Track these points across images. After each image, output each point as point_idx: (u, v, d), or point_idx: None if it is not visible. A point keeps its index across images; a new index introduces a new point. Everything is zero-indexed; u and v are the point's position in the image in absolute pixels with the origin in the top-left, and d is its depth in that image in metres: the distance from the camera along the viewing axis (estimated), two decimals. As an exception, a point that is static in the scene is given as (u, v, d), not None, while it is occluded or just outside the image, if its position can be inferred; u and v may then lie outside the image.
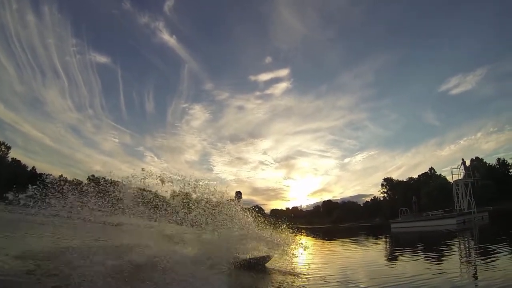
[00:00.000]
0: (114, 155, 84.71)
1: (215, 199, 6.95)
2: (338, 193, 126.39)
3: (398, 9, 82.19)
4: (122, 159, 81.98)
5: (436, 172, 58.46)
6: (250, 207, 8.02)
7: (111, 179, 6.33)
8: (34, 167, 57.33)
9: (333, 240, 19.18)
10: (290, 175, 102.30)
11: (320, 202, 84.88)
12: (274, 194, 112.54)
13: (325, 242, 17.31)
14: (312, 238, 20.46)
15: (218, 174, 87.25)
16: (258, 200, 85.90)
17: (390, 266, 7.72)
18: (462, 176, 22.67)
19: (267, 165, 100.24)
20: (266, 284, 5.61)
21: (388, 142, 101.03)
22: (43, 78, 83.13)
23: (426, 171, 60.59)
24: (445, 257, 8.14)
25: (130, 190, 6.31)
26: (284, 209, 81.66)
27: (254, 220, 7.32)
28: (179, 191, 6.82)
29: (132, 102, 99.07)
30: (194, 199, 6.87)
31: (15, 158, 55.25)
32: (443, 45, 79.77)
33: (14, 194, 5.45)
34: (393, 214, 34.45)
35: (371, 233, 24.11)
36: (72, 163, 79.05)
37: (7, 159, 53.76)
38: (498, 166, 49.54)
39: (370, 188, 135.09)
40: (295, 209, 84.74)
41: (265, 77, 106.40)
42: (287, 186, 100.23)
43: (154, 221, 6.84)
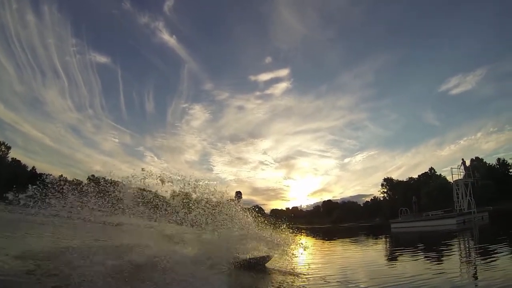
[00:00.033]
0: (114, 155, 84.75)
1: (215, 199, 6.94)
2: (338, 193, 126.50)
3: (398, 9, 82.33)
4: (122, 159, 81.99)
5: (436, 172, 58.57)
6: (250, 207, 8.02)
7: (111, 179, 6.33)
8: (34, 167, 57.43)
9: (333, 240, 19.17)
10: (290, 175, 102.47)
11: (320, 202, 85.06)
12: (274, 194, 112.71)
13: (325, 242, 17.30)
14: (312, 238, 20.45)
15: (218, 174, 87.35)
16: (258, 200, 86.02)
17: (390, 266, 7.72)
18: (462, 176, 22.69)
19: (267, 165, 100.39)
20: (266, 284, 5.61)
21: (388, 142, 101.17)
22: (43, 78, 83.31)
23: (426, 171, 60.70)
24: (445, 257, 8.13)
25: (130, 190, 6.30)
26: (284, 209, 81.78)
27: (254, 220, 7.32)
28: (179, 191, 6.80)
29: (132, 102, 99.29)
30: (194, 199, 6.86)
31: (15, 158, 55.38)
32: (443, 45, 79.97)
33: (14, 194, 5.45)
34: (393, 214, 34.46)
35: (371, 233, 24.10)
36: (72, 163, 79.10)
37: (7, 159, 53.80)
38: (498, 166, 49.58)
39: (370, 188, 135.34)
40: (295, 209, 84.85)
41: (265, 77, 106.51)
42: (287, 186, 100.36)
43: (154, 221, 6.83)
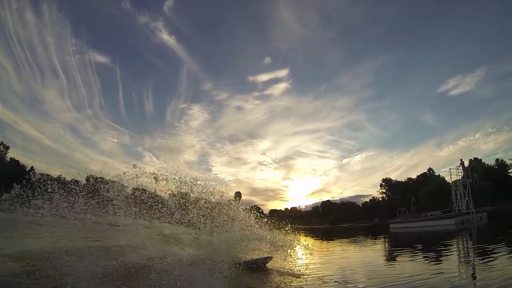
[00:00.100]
0: (113, 155, 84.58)
1: (214, 200, 6.90)
2: (337, 193, 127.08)
3: (398, 9, 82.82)
4: (121, 159, 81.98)
5: (434, 172, 58.95)
6: (249, 207, 7.98)
7: (110, 179, 6.28)
8: (32, 167, 57.22)
9: (332, 240, 19.17)
10: (289, 176, 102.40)
11: (319, 202, 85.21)
12: (273, 194, 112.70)
13: (324, 243, 17.29)
14: (311, 239, 20.44)
15: (217, 174, 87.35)
16: (257, 200, 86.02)
17: (388, 266, 7.71)
18: (460, 176, 22.78)
19: (266, 165, 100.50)
20: (264, 284, 5.59)
21: (387, 143, 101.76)
22: (42, 77, 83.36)
23: (425, 172, 61.00)
24: (443, 257, 8.13)
25: (127, 189, 6.24)
26: (283, 209, 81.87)
27: (254, 220, 7.30)
28: (177, 191, 6.74)
29: (131, 102, 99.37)
30: (193, 199, 6.79)
31: (14, 158, 55.19)
32: (442, 46, 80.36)
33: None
34: (391, 215, 34.58)
35: (370, 233, 24.11)
36: (70, 163, 78.85)
37: (6, 159, 53.61)
38: (496, 167, 49.82)
39: (369, 188, 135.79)
40: (294, 209, 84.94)
41: (264, 77, 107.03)
42: (286, 186, 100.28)
43: (149, 221, 6.73)
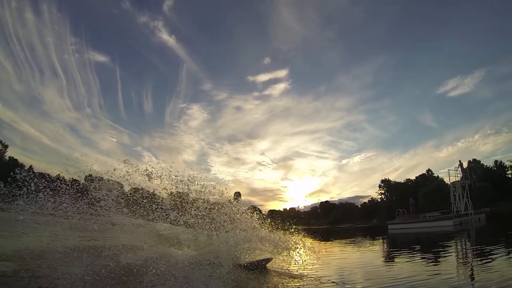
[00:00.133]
0: (112, 155, 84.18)
1: (213, 199, 6.88)
2: (336, 194, 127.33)
3: (398, 10, 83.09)
4: (120, 159, 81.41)
5: (433, 173, 59.03)
6: (249, 207, 7.96)
7: (108, 179, 6.26)
8: (31, 166, 57.00)
9: (330, 241, 19.17)
10: (287, 176, 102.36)
11: (317, 203, 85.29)
12: (272, 195, 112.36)
13: (322, 243, 17.28)
14: (309, 239, 20.42)
15: (216, 174, 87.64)
16: (256, 200, 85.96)
17: (386, 267, 7.72)
18: (459, 178, 22.81)
19: (265, 165, 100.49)
20: (262, 285, 5.57)
21: (386, 144, 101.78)
22: (42, 76, 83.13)
23: (424, 173, 61.07)
24: (441, 258, 8.14)
25: (122, 188, 6.21)
26: (281, 210, 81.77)
27: (254, 220, 7.28)
28: (176, 191, 6.72)
29: (130, 101, 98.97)
30: (192, 199, 6.76)
31: (13, 157, 54.99)
32: (442, 47, 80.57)
33: None
34: (390, 216, 34.57)
35: (368, 234, 24.12)
36: (69, 163, 78.39)
37: (5, 158, 53.45)
38: (495, 168, 49.90)
39: (367, 189, 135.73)
40: (293, 210, 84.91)
41: (263, 77, 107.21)
42: (285, 187, 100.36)
43: (147, 220, 6.63)
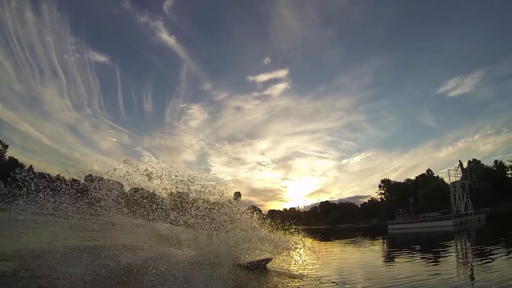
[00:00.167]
0: (112, 155, 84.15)
1: (213, 199, 6.87)
2: (336, 194, 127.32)
3: (398, 10, 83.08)
4: (120, 159, 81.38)
5: (433, 173, 59.03)
6: (249, 207, 7.95)
7: (108, 179, 6.25)
8: (31, 166, 56.99)
9: (330, 241, 19.17)
10: (287, 176, 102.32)
11: (317, 203, 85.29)
12: (272, 195, 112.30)
13: (322, 243, 17.28)
14: (309, 239, 20.43)
15: (216, 174, 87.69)
16: (256, 200, 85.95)
17: (386, 267, 7.72)
18: (459, 178, 22.81)
19: (265, 165, 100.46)
20: (262, 285, 5.57)
21: (386, 144, 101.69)
22: (42, 76, 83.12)
23: (424, 173, 61.06)
24: (441, 258, 8.14)
25: (122, 188, 6.21)
26: (281, 210, 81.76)
27: (254, 220, 7.27)
28: (176, 191, 6.71)
29: (130, 101, 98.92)
30: (192, 199, 6.75)
31: (13, 157, 54.97)
32: (442, 47, 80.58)
33: None
34: (390, 216, 34.57)
35: (368, 234, 24.12)
36: (69, 163, 78.44)
37: (5, 158, 53.44)
38: (495, 168, 49.91)
39: (367, 189, 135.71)
40: (293, 210, 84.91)
41: (263, 77, 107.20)
42: (285, 187, 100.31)
43: (147, 220, 6.62)
